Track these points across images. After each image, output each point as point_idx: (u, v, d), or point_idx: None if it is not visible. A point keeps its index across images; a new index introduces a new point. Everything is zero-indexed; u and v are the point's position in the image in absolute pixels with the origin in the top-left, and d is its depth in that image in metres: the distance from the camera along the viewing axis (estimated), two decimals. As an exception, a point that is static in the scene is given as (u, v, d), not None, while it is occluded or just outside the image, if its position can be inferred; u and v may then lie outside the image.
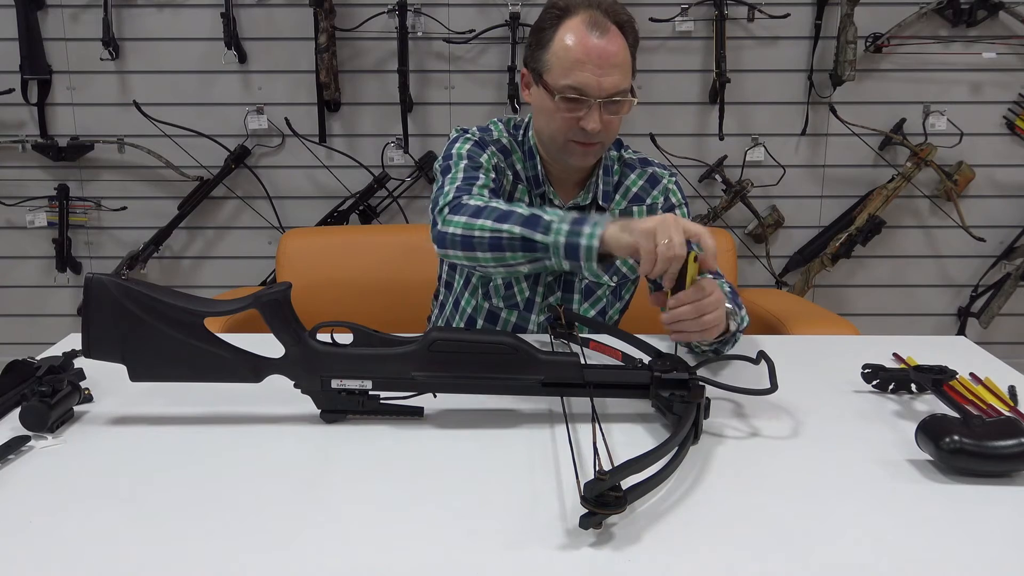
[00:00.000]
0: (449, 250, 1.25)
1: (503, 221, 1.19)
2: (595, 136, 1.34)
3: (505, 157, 1.45)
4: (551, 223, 1.15)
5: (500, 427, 1.04)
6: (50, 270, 2.98)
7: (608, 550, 0.77)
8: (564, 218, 1.15)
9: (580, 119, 1.32)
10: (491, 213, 1.21)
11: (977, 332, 3.01)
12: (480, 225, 1.21)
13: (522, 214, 1.18)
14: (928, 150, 2.82)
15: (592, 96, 1.30)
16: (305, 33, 2.76)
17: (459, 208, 1.25)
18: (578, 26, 1.30)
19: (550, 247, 1.15)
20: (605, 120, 1.32)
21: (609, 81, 1.30)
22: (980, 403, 1.11)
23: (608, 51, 1.29)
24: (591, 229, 1.12)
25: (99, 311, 1.01)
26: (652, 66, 2.85)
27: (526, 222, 1.17)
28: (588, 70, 1.29)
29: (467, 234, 1.22)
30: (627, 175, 1.51)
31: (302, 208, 2.94)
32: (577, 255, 1.13)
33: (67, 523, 0.82)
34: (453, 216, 1.25)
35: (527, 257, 1.19)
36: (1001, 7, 2.77)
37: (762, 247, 2.95)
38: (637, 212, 1.50)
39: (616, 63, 1.30)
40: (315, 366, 1.03)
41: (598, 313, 1.52)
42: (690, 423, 0.95)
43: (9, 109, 2.85)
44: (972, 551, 0.79)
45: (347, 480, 0.92)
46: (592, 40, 1.29)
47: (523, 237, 1.16)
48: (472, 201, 1.26)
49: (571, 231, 1.13)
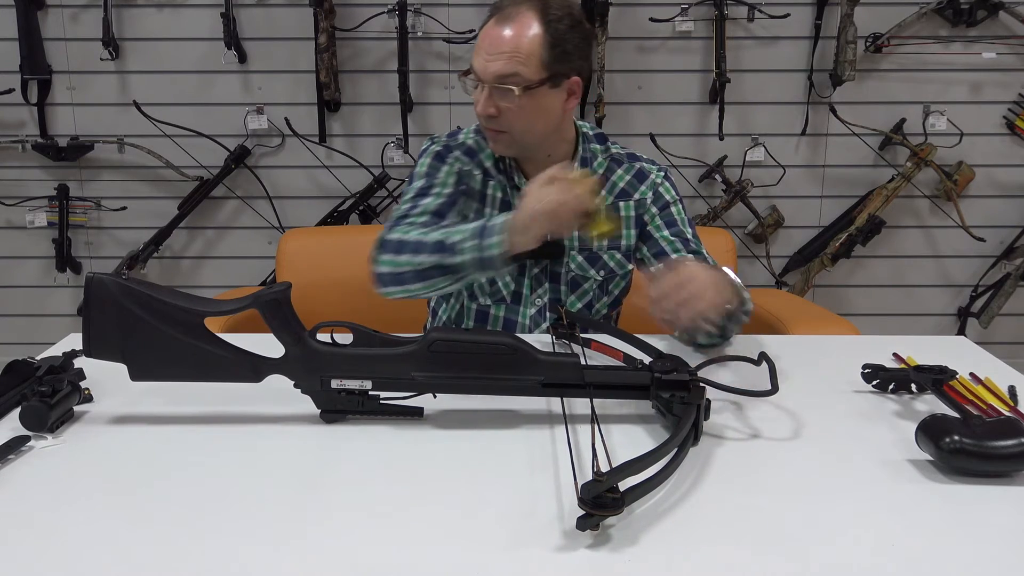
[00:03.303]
0: (386, 287, 1.36)
1: (419, 253, 1.30)
2: (492, 122, 1.37)
3: (471, 157, 1.49)
4: (459, 243, 1.27)
5: (500, 428, 1.04)
6: (50, 270, 2.98)
7: (606, 551, 0.77)
8: (470, 233, 1.26)
9: (477, 102, 1.37)
10: (408, 247, 1.32)
11: (977, 332, 3.01)
12: (404, 261, 1.32)
13: (433, 242, 1.29)
14: (928, 150, 2.82)
15: (480, 79, 1.35)
16: (305, 33, 2.76)
17: (383, 247, 1.36)
18: (493, 19, 1.36)
19: (467, 265, 1.27)
20: (499, 107, 1.35)
21: (493, 67, 1.33)
22: (980, 403, 1.11)
23: (500, 39, 1.33)
24: (496, 238, 1.24)
25: (99, 310, 1.01)
26: (652, 66, 2.86)
27: (438, 249, 1.29)
28: (480, 55, 1.35)
29: (395, 271, 1.33)
30: (614, 170, 1.52)
31: (302, 208, 2.94)
32: (492, 265, 1.26)
33: (67, 523, 0.82)
34: (380, 255, 1.36)
35: (453, 278, 1.30)
36: (1001, 7, 2.77)
37: (762, 247, 2.95)
38: (624, 207, 1.50)
39: (505, 50, 1.32)
40: (315, 366, 1.03)
41: (585, 306, 1.52)
42: (690, 424, 0.95)
43: (9, 109, 2.85)
44: (972, 551, 0.78)
45: (346, 480, 0.92)
46: (492, 28, 1.34)
47: (440, 264, 1.29)
48: (393, 236, 1.36)
49: (479, 246, 1.25)
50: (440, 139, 1.52)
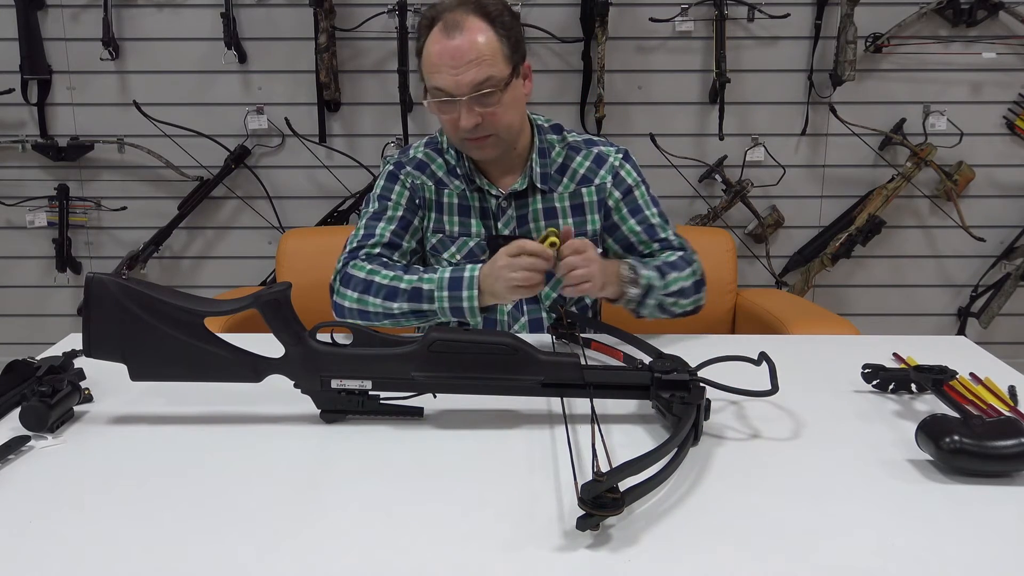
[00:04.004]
0: (348, 319, 1.40)
1: (392, 299, 1.36)
2: (479, 130, 1.38)
3: (422, 171, 1.52)
4: (432, 292, 1.33)
5: (500, 427, 1.04)
6: (50, 270, 2.98)
7: (606, 552, 0.77)
8: (441, 284, 1.33)
9: (456, 119, 1.37)
10: (379, 291, 1.37)
11: (977, 332, 3.01)
12: (372, 303, 1.37)
13: (405, 289, 1.35)
14: (928, 150, 2.82)
15: (456, 95, 1.34)
16: (305, 33, 2.76)
17: (348, 281, 1.40)
18: (436, 33, 1.36)
19: (438, 312, 1.34)
20: (483, 113, 1.36)
21: (466, 78, 1.34)
22: (980, 403, 1.11)
23: (460, 49, 1.33)
24: (468, 292, 1.31)
25: (100, 310, 1.01)
26: (652, 66, 2.85)
27: (411, 297, 1.35)
28: (445, 71, 1.34)
29: (362, 308, 1.38)
30: (572, 157, 1.53)
31: (302, 208, 2.94)
32: (463, 314, 1.33)
33: (67, 523, 0.82)
34: (345, 290, 1.40)
35: (421, 320, 1.38)
36: (1001, 7, 2.77)
37: (762, 247, 2.95)
38: (586, 192, 1.51)
39: (471, 59, 1.33)
40: (315, 366, 1.03)
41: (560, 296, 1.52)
42: (690, 424, 0.95)
43: (9, 109, 2.85)
44: (972, 551, 0.78)
45: (346, 480, 0.92)
46: (444, 42, 1.34)
47: (412, 311, 1.35)
48: (359, 273, 1.40)
49: (451, 296, 1.33)
50: (394, 157, 1.56)
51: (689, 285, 1.45)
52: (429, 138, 1.56)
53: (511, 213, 1.50)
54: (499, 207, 1.50)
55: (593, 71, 2.79)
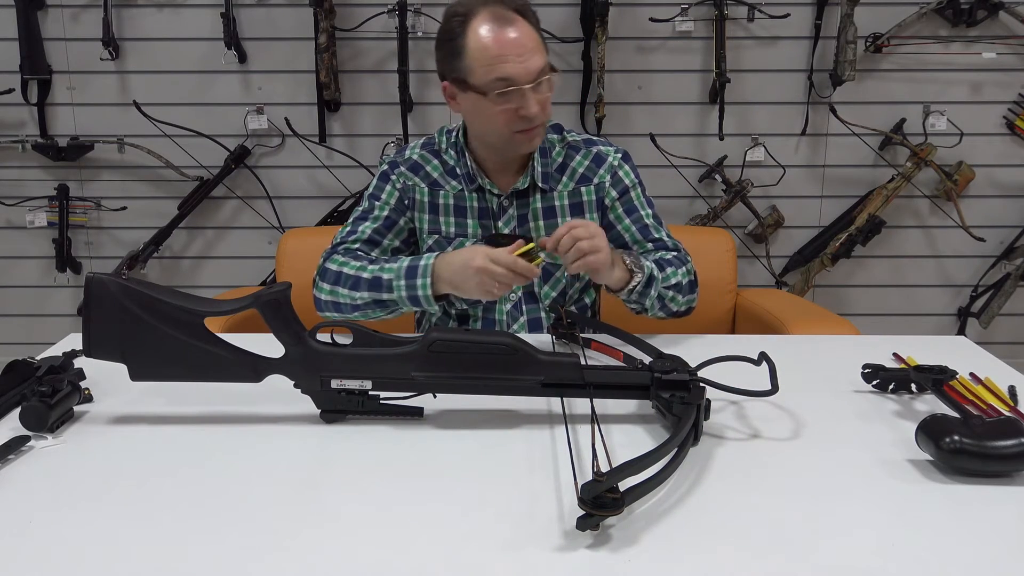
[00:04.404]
0: (326, 313, 1.44)
1: (357, 288, 1.39)
2: (535, 119, 1.39)
3: (416, 172, 1.53)
4: (391, 282, 1.35)
5: (500, 427, 1.04)
6: (50, 270, 2.97)
7: (605, 552, 0.77)
8: (399, 272, 1.35)
9: (518, 109, 1.36)
10: (346, 281, 1.40)
11: (977, 332, 3.01)
12: (341, 293, 1.40)
13: (367, 279, 1.38)
14: (928, 150, 2.82)
15: (522, 83, 1.35)
16: (305, 33, 2.76)
17: (324, 274, 1.44)
18: (485, 25, 1.35)
19: (399, 301, 1.36)
20: (540, 101, 1.38)
21: (533, 64, 1.35)
22: (980, 403, 1.11)
23: (521, 38, 1.35)
24: (423, 280, 1.33)
25: (100, 310, 1.01)
26: (652, 66, 2.85)
27: (371, 286, 1.37)
28: (511, 61, 1.34)
29: (335, 300, 1.41)
30: (572, 156, 1.54)
31: (302, 208, 2.94)
32: (419, 303, 1.35)
33: (67, 523, 0.82)
34: (321, 283, 1.44)
35: (387, 310, 1.39)
36: (1001, 7, 2.77)
37: (762, 247, 2.95)
38: (585, 191, 1.52)
39: (531, 46, 1.36)
40: (315, 366, 1.03)
41: (559, 294, 1.54)
42: (690, 424, 0.95)
43: (9, 109, 2.85)
44: (972, 551, 0.78)
45: (346, 480, 0.92)
46: (503, 33, 1.35)
47: (374, 300, 1.38)
48: (332, 267, 1.43)
49: (408, 285, 1.34)
50: (390, 156, 1.58)
51: (685, 283, 1.46)
52: (426, 139, 1.57)
53: (512, 212, 1.51)
54: (500, 206, 1.51)
55: (593, 71, 2.79)
